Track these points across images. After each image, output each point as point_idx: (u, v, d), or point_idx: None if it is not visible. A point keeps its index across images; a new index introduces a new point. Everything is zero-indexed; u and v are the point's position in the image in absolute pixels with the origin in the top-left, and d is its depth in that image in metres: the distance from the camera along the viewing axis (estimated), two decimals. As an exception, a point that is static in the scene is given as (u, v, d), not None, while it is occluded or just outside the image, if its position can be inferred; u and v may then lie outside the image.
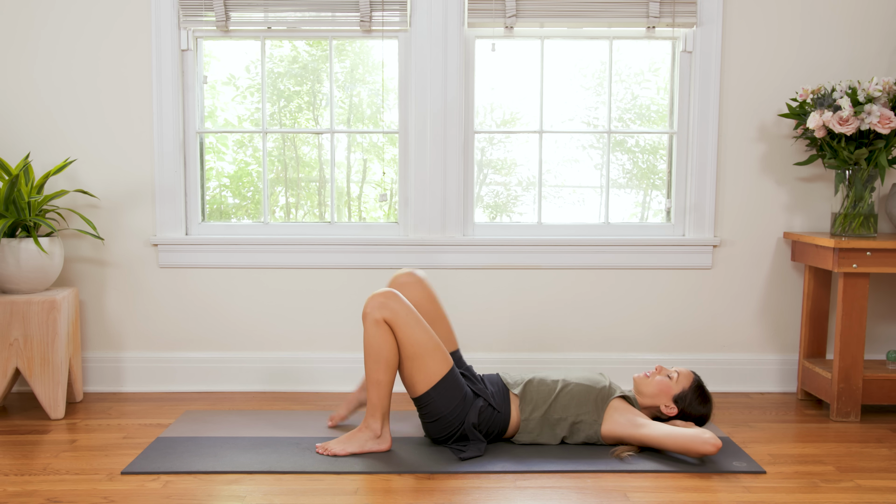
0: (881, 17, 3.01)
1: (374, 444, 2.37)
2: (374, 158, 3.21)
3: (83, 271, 3.06)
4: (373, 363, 2.32)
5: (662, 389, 2.47)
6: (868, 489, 2.15)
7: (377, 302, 2.30)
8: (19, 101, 2.98)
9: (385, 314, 2.29)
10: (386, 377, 2.32)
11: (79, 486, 2.13)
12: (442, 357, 2.35)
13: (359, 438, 2.37)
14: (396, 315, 2.29)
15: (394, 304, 2.30)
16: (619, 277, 3.10)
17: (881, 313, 3.15)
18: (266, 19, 2.97)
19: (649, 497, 2.08)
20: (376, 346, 2.30)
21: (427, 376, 2.33)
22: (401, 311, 2.30)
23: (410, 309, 2.32)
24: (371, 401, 2.35)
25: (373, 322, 2.29)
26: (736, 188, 3.07)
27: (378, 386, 2.32)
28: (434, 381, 2.33)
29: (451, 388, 2.35)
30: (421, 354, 2.31)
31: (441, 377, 2.34)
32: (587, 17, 2.97)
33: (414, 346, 2.31)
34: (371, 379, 2.33)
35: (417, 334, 2.31)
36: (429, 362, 2.32)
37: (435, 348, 2.34)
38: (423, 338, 2.32)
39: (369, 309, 2.30)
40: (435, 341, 2.34)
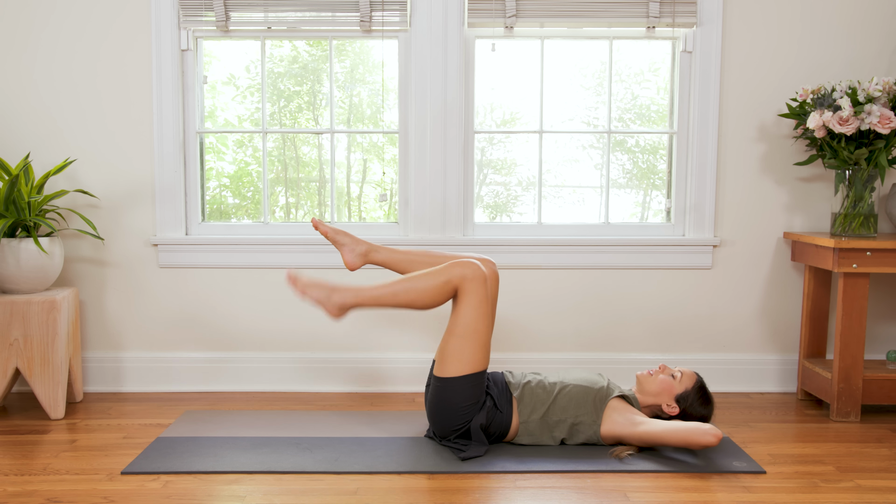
0: (881, 17, 3.01)
1: (329, 304, 2.34)
2: (374, 158, 3.21)
3: (83, 271, 3.06)
4: (411, 286, 2.31)
5: (665, 388, 2.47)
6: (868, 489, 2.15)
7: (477, 270, 2.30)
8: (19, 101, 2.98)
9: (471, 282, 2.30)
10: (400, 298, 2.32)
11: (79, 486, 2.13)
12: (484, 354, 2.36)
13: (324, 291, 2.35)
14: (476, 288, 2.30)
15: (487, 280, 2.32)
16: (619, 277, 3.10)
17: (881, 313, 3.15)
18: (266, 19, 2.97)
19: (649, 497, 2.08)
20: (431, 288, 2.30)
21: (463, 363, 2.33)
22: (483, 289, 2.31)
23: (490, 296, 2.33)
24: (362, 291, 2.34)
25: (457, 275, 2.29)
26: (736, 188, 3.07)
27: (391, 295, 2.32)
28: (466, 371, 2.33)
29: (475, 386, 2.35)
30: (471, 340, 2.32)
31: (473, 372, 2.34)
32: (587, 17, 2.97)
33: (468, 327, 2.32)
34: (398, 288, 2.32)
35: (479, 320, 2.32)
36: (472, 351, 2.33)
37: (484, 344, 2.35)
38: (482, 327, 2.33)
39: (469, 269, 2.30)
40: (487, 337, 2.35)
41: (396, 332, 3.10)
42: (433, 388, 2.39)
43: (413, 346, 3.10)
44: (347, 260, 2.50)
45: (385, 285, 2.35)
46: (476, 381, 2.35)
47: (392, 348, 3.11)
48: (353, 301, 2.35)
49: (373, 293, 2.35)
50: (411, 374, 3.10)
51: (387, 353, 3.10)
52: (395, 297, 2.33)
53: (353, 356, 3.10)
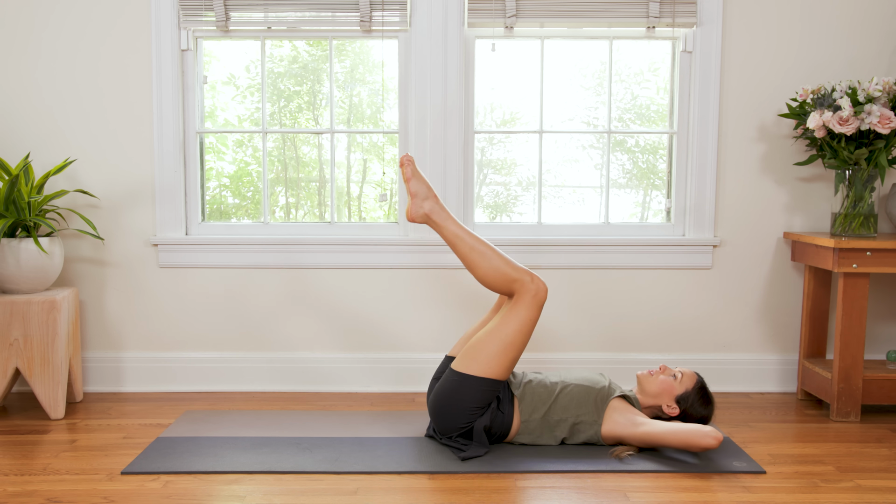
0: (881, 17, 3.01)
1: (420, 202, 2.47)
2: (374, 158, 3.21)
3: (83, 271, 3.06)
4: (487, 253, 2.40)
5: (665, 389, 2.47)
6: (868, 489, 2.15)
7: (543, 292, 2.38)
8: (20, 101, 2.98)
9: (533, 299, 2.36)
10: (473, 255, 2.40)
11: (79, 486, 2.13)
12: (509, 368, 2.38)
13: (424, 190, 2.48)
14: (533, 305, 2.36)
15: (541, 297, 2.37)
16: (619, 277, 3.10)
17: (881, 313, 3.15)
18: (266, 19, 2.97)
19: (649, 497, 2.08)
20: (500, 272, 2.38)
21: (489, 367, 2.34)
22: (538, 311, 2.38)
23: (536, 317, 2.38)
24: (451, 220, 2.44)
25: (527, 284, 2.37)
26: (736, 188, 3.07)
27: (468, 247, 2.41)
28: (487, 375, 2.35)
29: (489, 392, 2.37)
30: (506, 349, 2.35)
31: (491, 378, 2.35)
32: (587, 17, 2.97)
33: (510, 337, 2.35)
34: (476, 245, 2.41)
35: (522, 335, 2.36)
36: (501, 360, 2.35)
37: (513, 359, 2.37)
38: (519, 342, 2.37)
39: (537, 287, 2.37)
40: (517, 354, 2.38)
41: (396, 332, 3.10)
42: (446, 382, 2.39)
43: (413, 347, 3.10)
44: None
45: (469, 234, 2.44)
46: (492, 387, 2.36)
47: (392, 348, 3.11)
48: (438, 220, 2.46)
49: (457, 230, 2.44)
50: (411, 374, 3.09)
51: (387, 353, 3.10)
52: (470, 249, 2.41)
53: (353, 356, 3.10)
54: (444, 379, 2.40)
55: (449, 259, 3.05)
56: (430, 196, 2.48)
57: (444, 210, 2.47)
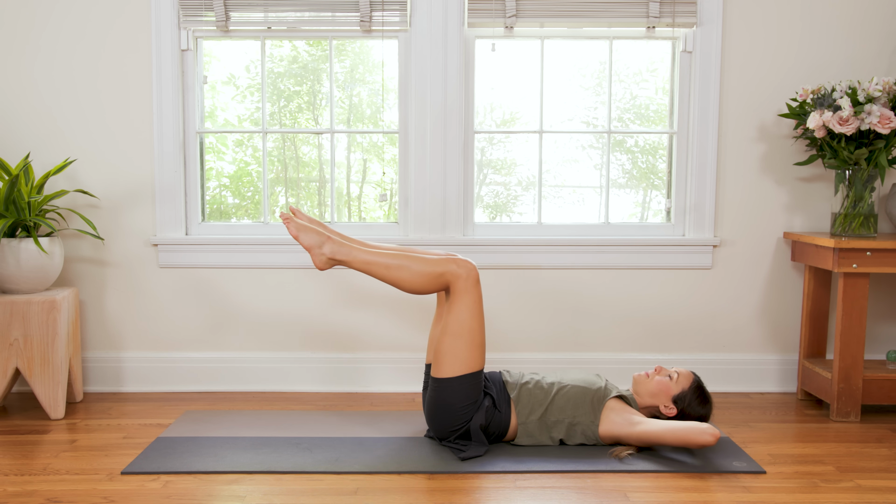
0: (881, 17, 3.01)
1: (318, 252, 2.36)
2: (374, 158, 3.21)
3: (83, 271, 3.06)
4: (405, 264, 2.33)
5: (662, 389, 2.47)
6: (868, 489, 2.15)
7: (473, 270, 2.33)
8: (20, 101, 2.98)
9: (466, 281, 2.32)
10: (390, 273, 2.33)
11: (79, 486, 2.13)
12: (480, 354, 2.36)
13: (317, 238, 2.37)
14: (471, 288, 2.32)
15: (474, 276, 2.33)
16: (618, 277, 3.10)
17: (881, 313, 3.15)
18: (266, 19, 2.97)
19: (649, 497, 2.08)
20: (423, 273, 2.32)
21: (460, 363, 2.33)
22: (478, 290, 2.33)
23: (479, 295, 2.34)
24: (355, 250, 2.35)
25: (453, 272, 2.32)
26: (736, 188, 3.07)
27: (383, 266, 2.34)
28: (463, 371, 2.34)
29: (473, 386, 2.36)
30: (467, 339, 2.33)
31: (470, 371, 2.35)
32: (587, 17, 2.97)
33: (464, 326, 2.33)
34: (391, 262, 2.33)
35: (475, 319, 2.34)
36: (469, 351, 2.34)
37: (479, 344, 2.36)
38: (476, 326, 2.34)
39: (464, 269, 2.32)
40: (482, 337, 2.36)
41: (396, 332, 3.10)
42: (431, 391, 2.40)
43: (413, 347, 3.10)
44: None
45: (380, 252, 2.36)
46: (474, 380, 2.35)
47: (392, 348, 3.11)
48: (343, 258, 2.36)
49: (365, 257, 2.35)
50: (411, 374, 3.09)
51: (387, 353, 3.10)
52: (386, 269, 2.34)
53: (353, 356, 3.10)
54: (429, 389, 2.42)
55: (449, 259, 3.05)
56: (324, 240, 2.37)
57: (343, 245, 2.37)
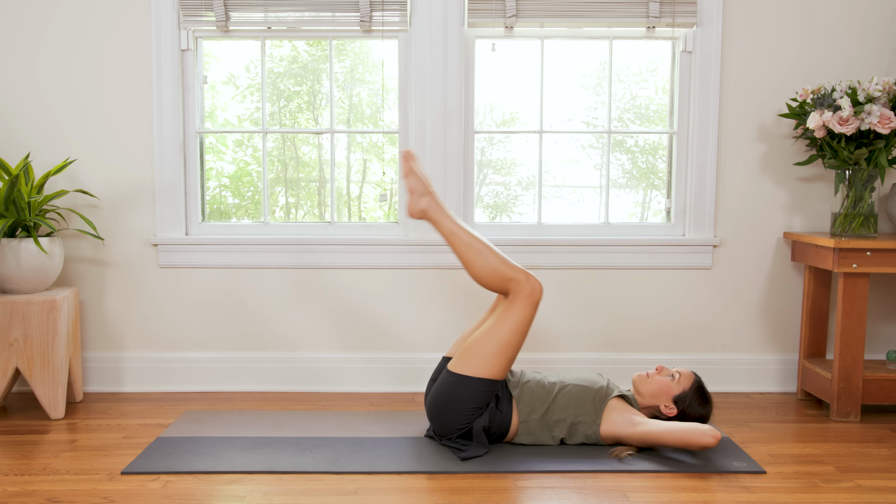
0: (881, 17, 3.01)
1: (417, 199, 2.49)
2: (374, 158, 3.21)
3: (83, 271, 3.06)
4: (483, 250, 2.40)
5: (663, 389, 2.47)
6: (868, 489, 2.15)
7: (539, 292, 2.38)
8: (20, 101, 2.98)
9: (528, 299, 2.36)
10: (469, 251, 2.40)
11: (79, 486, 2.13)
12: (506, 367, 2.38)
13: (422, 187, 2.49)
14: (528, 305, 2.36)
15: (536, 297, 2.38)
16: (619, 277, 3.10)
17: (881, 313, 3.15)
18: (266, 19, 2.97)
19: (649, 497, 2.08)
20: (495, 270, 2.38)
21: (486, 367, 2.34)
22: (533, 312, 2.38)
23: (531, 316, 2.38)
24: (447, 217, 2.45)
25: (522, 284, 2.37)
26: (736, 188, 3.07)
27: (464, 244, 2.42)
28: (484, 375, 2.34)
29: (486, 392, 2.36)
30: (503, 349, 2.34)
31: (488, 378, 2.35)
32: (587, 17, 2.97)
33: (506, 337, 2.35)
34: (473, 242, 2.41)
35: (517, 336, 2.36)
36: (498, 360, 2.35)
37: (510, 359, 2.37)
38: (515, 342, 2.36)
39: (533, 287, 2.37)
40: (514, 354, 2.38)
41: (396, 332, 3.10)
42: (443, 383, 2.38)
43: (413, 346, 3.10)
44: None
45: (466, 230, 2.44)
46: (489, 387, 2.36)
47: (392, 348, 3.11)
48: (435, 217, 2.46)
49: (453, 227, 2.44)
50: (411, 373, 3.10)
51: (387, 353, 3.10)
52: (466, 246, 2.41)
53: (353, 356, 3.10)
54: (440, 380, 2.40)
55: (448, 259, 3.05)
56: (427, 192, 2.48)
57: (440, 207, 2.47)
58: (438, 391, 2.39)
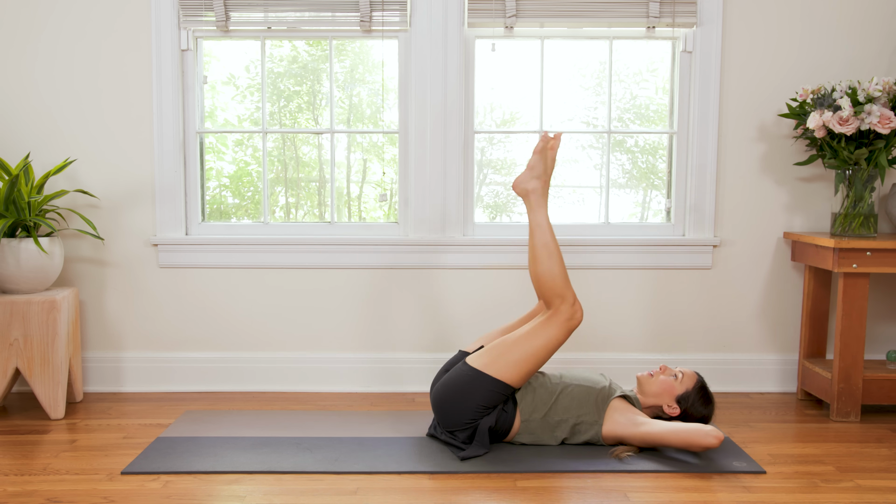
0: (881, 17, 3.01)
1: (528, 178, 2.51)
2: (374, 158, 3.21)
3: (83, 271, 3.06)
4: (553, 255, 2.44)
5: (666, 389, 2.47)
6: (868, 489, 2.15)
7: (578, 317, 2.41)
8: (20, 101, 2.98)
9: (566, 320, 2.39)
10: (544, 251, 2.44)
11: (79, 486, 2.13)
12: (524, 376, 2.38)
13: (538, 172, 2.51)
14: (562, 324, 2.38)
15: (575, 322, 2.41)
16: (619, 277, 3.10)
17: (881, 313, 3.15)
18: (266, 19, 2.97)
19: (649, 497, 2.08)
20: (551, 279, 2.41)
21: (507, 371, 2.35)
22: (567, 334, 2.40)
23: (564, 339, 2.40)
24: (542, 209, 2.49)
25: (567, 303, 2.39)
26: (736, 188, 3.07)
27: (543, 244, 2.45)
28: (503, 378, 2.35)
29: (498, 395, 2.36)
30: (528, 359, 2.36)
31: (506, 382, 2.35)
32: (587, 17, 2.97)
33: (534, 348, 2.36)
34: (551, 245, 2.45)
35: (545, 351, 2.37)
36: (520, 369, 2.36)
37: (530, 371, 2.38)
38: (542, 357, 2.37)
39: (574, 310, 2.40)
40: (536, 367, 2.38)
41: (396, 332, 3.10)
42: (458, 374, 2.38)
43: (413, 347, 3.10)
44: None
45: (551, 231, 2.47)
46: (504, 391, 2.36)
47: (392, 348, 3.11)
48: (532, 200, 2.50)
49: (541, 220, 2.48)
50: (411, 374, 3.09)
51: (387, 353, 3.10)
52: (543, 245, 2.45)
53: (353, 356, 3.10)
54: (455, 370, 2.40)
55: (448, 259, 3.05)
56: (541, 177, 2.50)
57: (543, 197, 2.50)
58: (450, 380, 2.38)
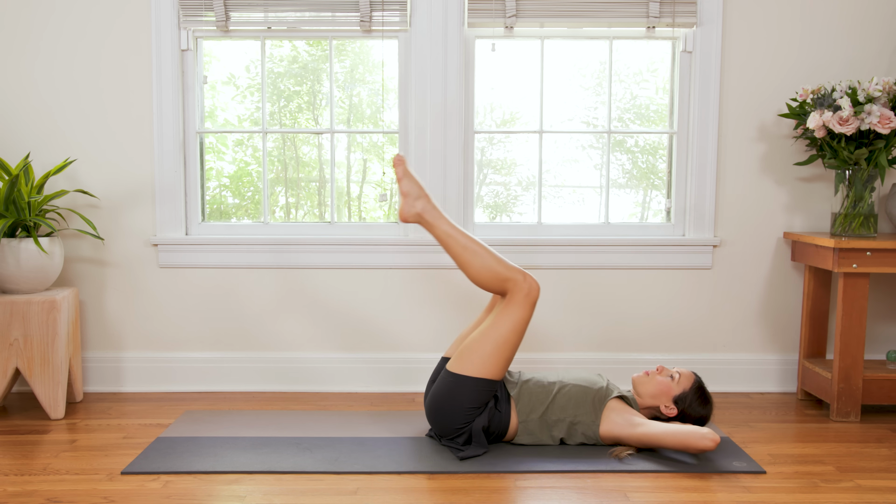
0: (881, 17, 3.01)
1: (412, 202, 2.45)
2: (374, 158, 3.21)
3: (83, 271, 3.06)
4: (479, 251, 2.39)
5: (663, 390, 2.47)
6: (868, 489, 2.15)
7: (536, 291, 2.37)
8: (20, 101, 2.98)
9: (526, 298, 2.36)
10: (465, 253, 2.39)
11: (79, 486, 2.13)
12: (504, 367, 2.37)
13: (416, 190, 2.45)
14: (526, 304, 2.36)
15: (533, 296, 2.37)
16: (618, 277, 3.10)
17: (881, 313, 3.15)
18: (266, 19, 2.97)
19: (649, 497, 2.08)
20: (492, 270, 2.37)
21: (484, 367, 2.34)
22: (531, 311, 2.37)
23: (529, 315, 2.38)
24: (443, 220, 2.43)
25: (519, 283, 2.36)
26: (736, 188, 3.07)
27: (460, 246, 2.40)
28: (482, 375, 2.34)
29: (485, 392, 2.36)
30: (500, 349, 2.34)
31: (486, 377, 2.35)
32: (587, 17, 2.97)
33: (503, 336, 2.34)
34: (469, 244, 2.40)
35: (515, 335, 2.36)
36: (496, 359, 2.35)
37: (507, 358, 2.37)
38: (513, 341, 2.36)
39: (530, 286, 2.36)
40: (511, 353, 2.37)
41: (396, 332, 3.10)
42: (442, 383, 2.38)
43: (412, 346, 3.10)
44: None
45: (462, 232, 2.43)
46: (488, 387, 2.36)
47: (392, 348, 3.11)
48: (430, 220, 2.44)
49: (449, 230, 2.42)
50: (411, 373, 3.10)
51: (387, 353, 3.10)
52: (463, 248, 2.40)
53: (353, 356, 3.10)
54: (439, 380, 2.40)
55: (448, 259, 3.05)
56: (422, 195, 2.46)
57: (435, 209, 2.45)
58: (437, 391, 2.39)
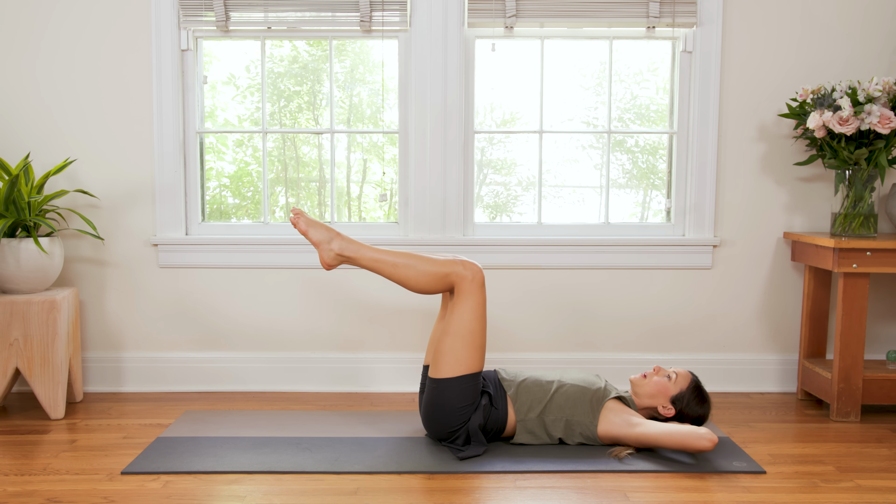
0: (881, 17, 3.01)
1: (327, 248, 2.39)
2: (374, 158, 3.21)
3: (83, 271, 3.06)
4: (411, 263, 2.35)
5: (660, 390, 2.47)
6: (868, 489, 2.15)
7: (478, 273, 2.36)
8: (20, 101, 2.98)
9: (471, 283, 2.34)
10: (398, 271, 2.35)
11: (79, 486, 2.13)
12: (480, 356, 2.37)
13: (326, 234, 2.40)
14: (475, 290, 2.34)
15: (479, 279, 2.35)
16: (618, 277, 3.10)
17: (881, 313, 3.15)
18: (266, 19, 2.97)
19: (649, 497, 2.08)
20: (430, 273, 2.34)
21: (460, 364, 2.34)
22: (483, 293, 2.35)
23: (483, 298, 2.36)
24: (363, 248, 2.39)
25: (459, 273, 2.34)
26: (736, 188, 3.07)
27: (390, 264, 2.36)
28: (462, 371, 2.34)
29: (471, 387, 2.36)
30: (468, 341, 2.34)
31: (469, 373, 2.35)
32: (587, 17, 2.97)
33: (466, 328, 2.34)
34: (399, 260, 2.36)
35: (477, 321, 2.35)
36: (469, 352, 2.34)
37: (480, 346, 2.36)
38: (478, 328, 2.35)
39: (470, 271, 2.34)
40: (483, 339, 2.37)
41: (396, 332, 3.10)
42: (429, 391, 2.39)
43: (413, 347, 3.10)
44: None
45: (387, 251, 2.39)
46: (472, 381, 2.36)
47: (392, 348, 3.11)
48: (351, 254, 2.40)
49: (373, 255, 2.38)
50: (411, 374, 3.09)
51: (387, 353, 3.10)
52: (393, 267, 2.37)
53: (354, 356, 3.10)
54: (427, 390, 2.42)
55: (449, 259, 3.05)
56: (333, 236, 2.41)
57: (352, 242, 2.41)
58: (427, 401, 2.40)
